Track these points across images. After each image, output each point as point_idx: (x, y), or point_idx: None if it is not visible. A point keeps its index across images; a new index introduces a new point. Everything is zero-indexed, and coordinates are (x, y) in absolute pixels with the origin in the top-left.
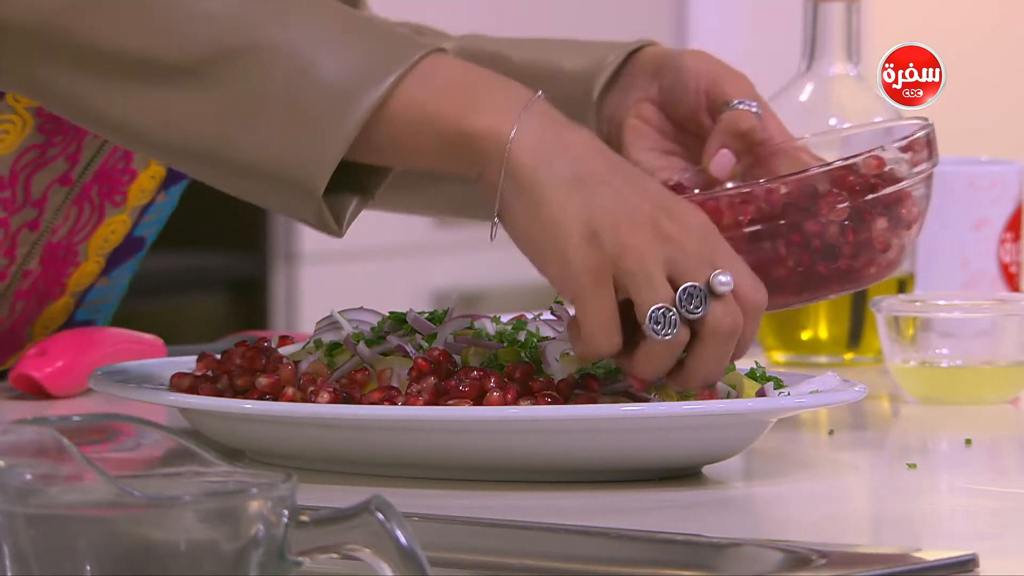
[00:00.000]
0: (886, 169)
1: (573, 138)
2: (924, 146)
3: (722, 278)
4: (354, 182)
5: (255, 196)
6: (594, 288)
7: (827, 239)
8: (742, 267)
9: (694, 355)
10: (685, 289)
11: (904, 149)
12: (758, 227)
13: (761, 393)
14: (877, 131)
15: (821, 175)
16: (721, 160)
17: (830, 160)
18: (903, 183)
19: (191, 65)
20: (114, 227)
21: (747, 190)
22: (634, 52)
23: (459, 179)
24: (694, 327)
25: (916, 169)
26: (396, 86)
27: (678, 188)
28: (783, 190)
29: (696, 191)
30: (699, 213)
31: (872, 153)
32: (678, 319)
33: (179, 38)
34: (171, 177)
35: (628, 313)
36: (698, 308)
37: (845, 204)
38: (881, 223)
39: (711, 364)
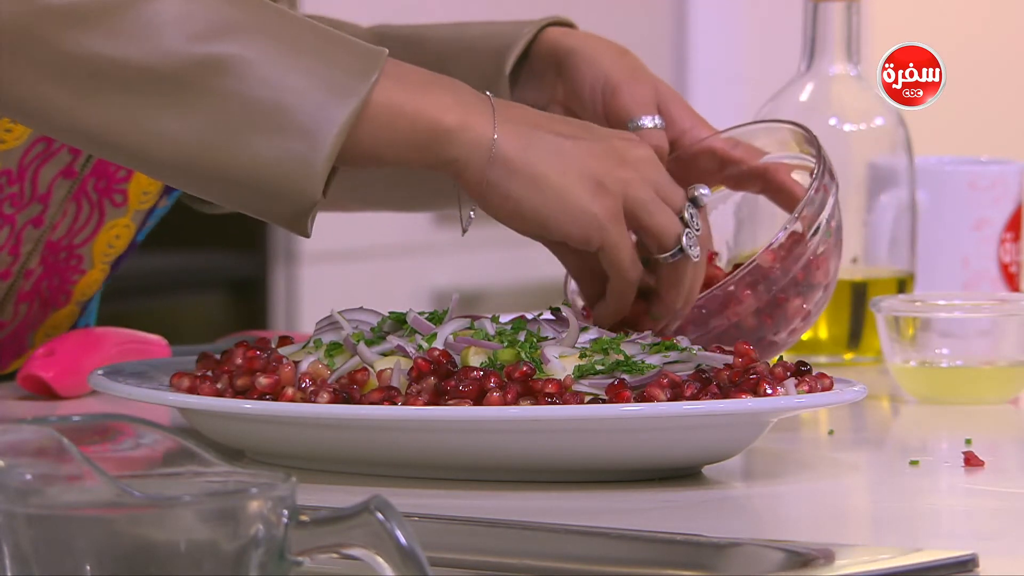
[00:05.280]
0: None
1: (529, 113)
2: (822, 187)
3: (702, 190)
4: None
5: (242, 204)
6: (617, 228)
7: (745, 329)
8: None
9: (695, 269)
10: (687, 209)
11: (806, 217)
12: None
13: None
14: (753, 130)
15: (727, 285)
16: None
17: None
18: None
19: (165, 73)
20: (118, 232)
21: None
22: (544, 28)
23: (425, 173)
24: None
25: (824, 213)
26: (373, 89)
27: None
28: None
29: None
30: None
31: (768, 248)
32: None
33: (150, 46)
34: None
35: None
36: (699, 224)
37: (751, 305)
38: (796, 302)
39: (701, 275)
